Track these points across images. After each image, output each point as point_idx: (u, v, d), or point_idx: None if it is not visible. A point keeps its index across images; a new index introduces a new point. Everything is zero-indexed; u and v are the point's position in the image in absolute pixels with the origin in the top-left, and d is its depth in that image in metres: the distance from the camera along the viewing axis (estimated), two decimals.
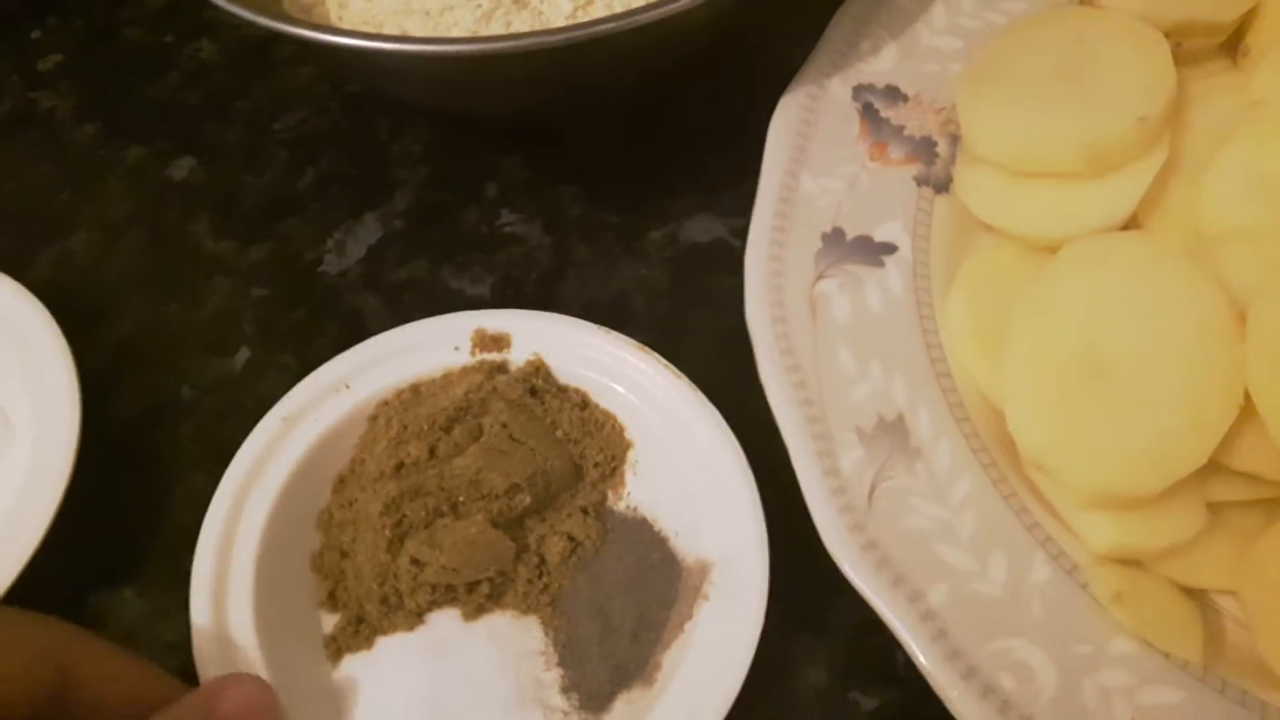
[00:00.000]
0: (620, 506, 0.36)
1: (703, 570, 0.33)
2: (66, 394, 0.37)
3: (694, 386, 0.35)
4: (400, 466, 0.34)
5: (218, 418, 0.39)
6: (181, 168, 0.45)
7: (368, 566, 0.34)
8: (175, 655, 0.35)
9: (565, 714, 0.32)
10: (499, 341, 0.37)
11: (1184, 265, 0.33)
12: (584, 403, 0.37)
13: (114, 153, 0.46)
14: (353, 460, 0.36)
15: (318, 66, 0.47)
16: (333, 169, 0.45)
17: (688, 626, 0.33)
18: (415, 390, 0.36)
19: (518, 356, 0.37)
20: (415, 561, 0.33)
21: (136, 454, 0.39)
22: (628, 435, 0.36)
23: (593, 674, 0.33)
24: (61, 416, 0.36)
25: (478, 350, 0.37)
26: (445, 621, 0.34)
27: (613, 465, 0.36)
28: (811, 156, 0.38)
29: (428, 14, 0.40)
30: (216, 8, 0.36)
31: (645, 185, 0.44)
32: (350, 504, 0.35)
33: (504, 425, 0.35)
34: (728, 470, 0.34)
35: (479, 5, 0.40)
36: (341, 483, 0.36)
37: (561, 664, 0.33)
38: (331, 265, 0.42)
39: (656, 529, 0.35)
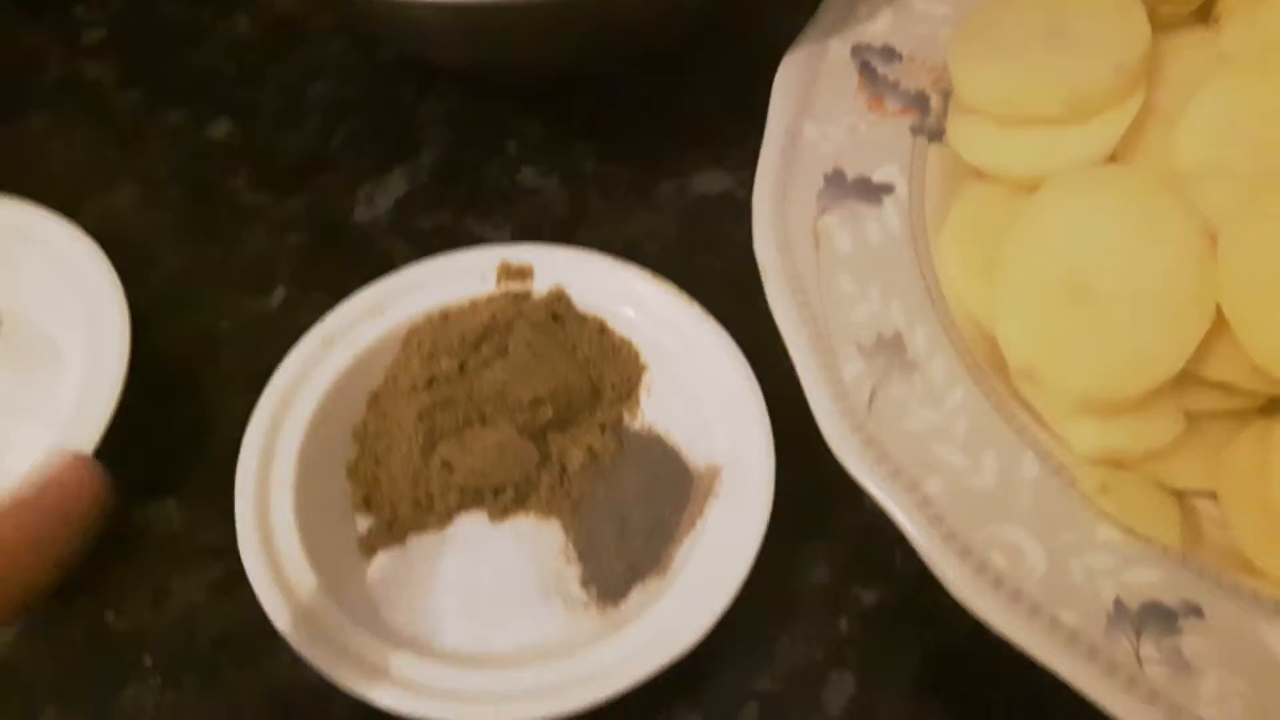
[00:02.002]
0: (635, 425, 0.38)
1: (713, 473, 0.36)
2: (116, 323, 0.39)
3: (703, 310, 0.38)
4: (432, 380, 0.37)
5: (256, 348, 0.41)
6: (220, 129, 0.48)
7: (401, 471, 0.36)
8: (216, 560, 0.37)
9: (585, 604, 0.35)
10: (522, 273, 0.39)
11: (1162, 193, 0.35)
12: (602, 329, 0.39)
13: (155, 115, 0.49)
14: (386, 379, 0.38)
15: (349, 27, 0.50)
16: (362, 130, 0.48)
17: (699, 523, 0.35)
18: (445, 316, 0.39)
19: (540, 287, 0.39)
20: (446, 465, 0.36)
21: (180, 381, 0.41)
22: (642, 359, 0.39)
23: (609, 569, 0.35)
24: (111, 344, 0.39)
25: (503, 281, 0.39)
26: (472, 523, 0.36)
27: (628, 388, 0.39)
28: (814, 106, 0.41)
29: None
30: None
31: (657, 143, 0.46)
32: (385, 416, 0.37)
33: (529, 344, 0.37)
34: (735, 382, 0.36)
35: None
36: (376, 399, 0.38)
37: (581, 560, 0.35)
38: (362, 215, 0.45)
39: (670, 444, 0.38)
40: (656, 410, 0.38)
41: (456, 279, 0.39)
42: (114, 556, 0.38)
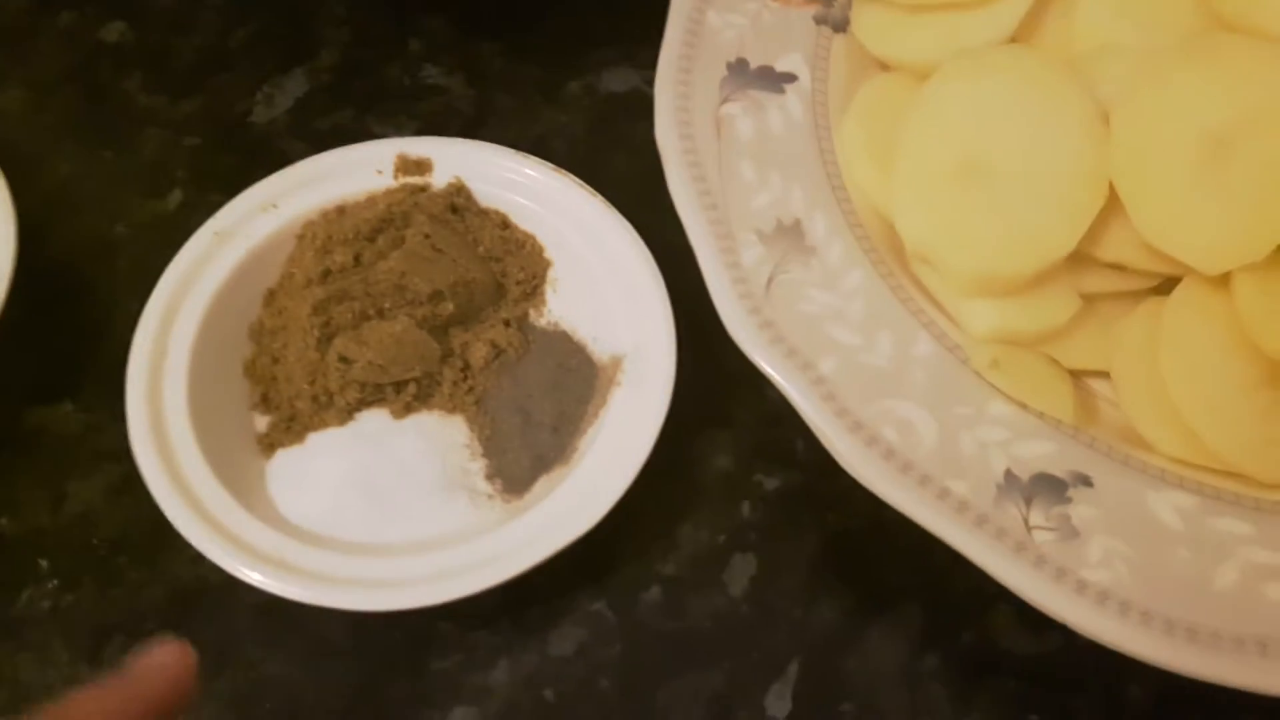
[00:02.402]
0: (541, 322, 0.38)
1: (616, 363, 0.35)
2: (3, 228, 0.38)
3: (607, 202, 0.37)
4: (327, 273, 0.36)
5: (153, 252, 0.40)
6: (112, 31, 0.47)
7: (298, 367, 0.35)
8: (114, 462, 0.37)
9: (489, 496, 0.35)
10: (421, 166, 0.39)
11: (1056, 71, 0.35)
12: (504, 224, 0.39)
13: (45, 19, 0.47)
14: (282, 275, 0.37)
15: None
16: (261, 30, 0.46)
17: (602, 413, 0.35)
18: (340, 210, 0.38)
19: (439, 180, 0.39)
20: (343, 359, 0.35)
21: (74, 285, 0.40)
22: (547, 254, 0.38)
23: (515, 462, 0.35)
24: None
25: (400, 175, 0.39)
26: (375, 419, 0.36)
27: (534, 284, 0.38)
28: None
29: None
30: None
31: (564, 41, 0.46)
32: (281, 313, 0.37)
33: (427, 235, 0.37)
34: (638, 272, 0.36)
35: None
36: (272, 296, 0.37)
37: (486, 454, 0.35)
38: (260, 116, 0.44)
39: (575, 339, 0.37)
40: (562, 305, 0.38)
41: (352, 172, 0.39)
42: (8, 462, 0.37)
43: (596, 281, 0.37)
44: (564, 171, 0.38)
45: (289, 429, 0.36)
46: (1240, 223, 0.33)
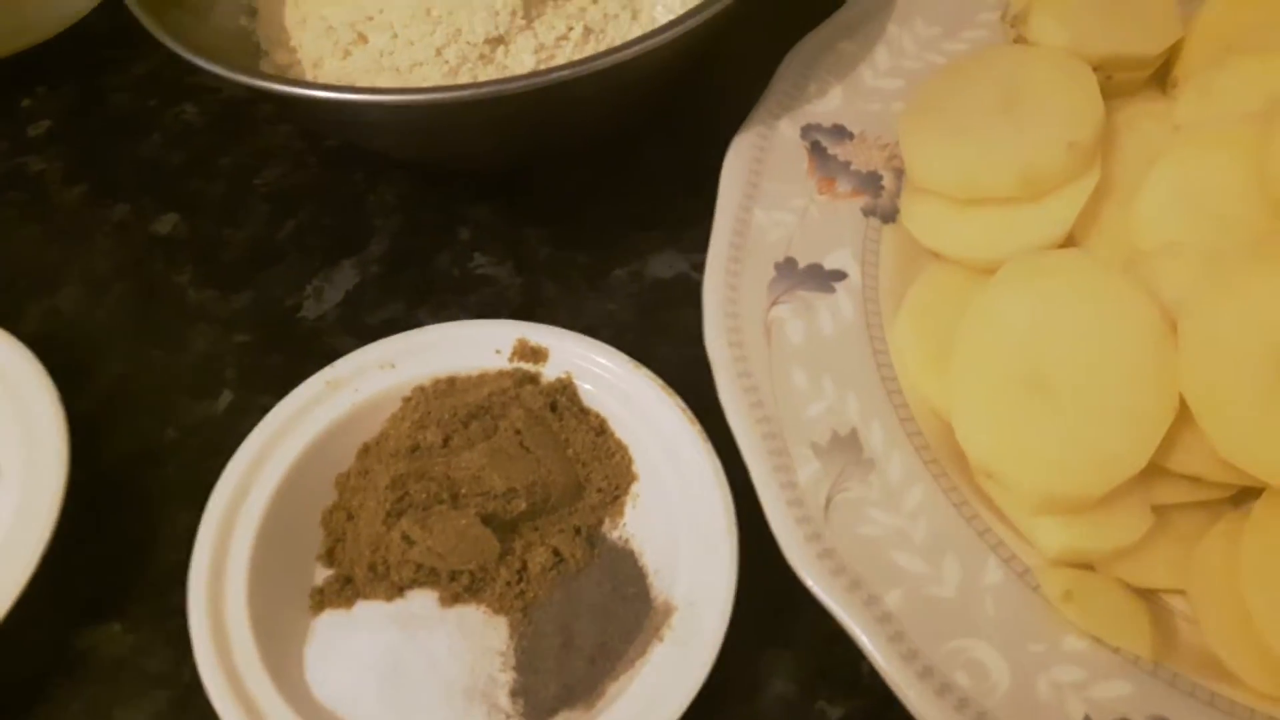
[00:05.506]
0: (613, 535, 0.37)
1: (667, 613, 0.34)
2: (55, 437, 0.38)
3: (704, 435, 0.36)
4: (415, 448, 0.37)
5: (202, 458, 0.40)
6: (165, 223, 0.47)
7: (365, 533, 0.36)
8: (162, 687, 0.36)
9: (507, 716, 0.33)
10: (537, 354, 0.39)
11: (1118, 278, 0.34)
12: (601, 429, 0.38)
13: (100, 211, 0.48)
14: (380, 434, 0.38)
15: (297, 123, 0.49)
16: (311, 220, 0.47)
17: (639, 662, 0.34)
18: (451, 382, 0.39)
19: (551, 372, 0.39)
20: (406, 538, 0.35)
21: (124, 494, 0.40)
22: (635, 468, 0.38)
23: (543, 686, 0.34)
24: (50, 459, 0.38)
25: (516, 358, 0.39)
26: (422, 601, 0.35)
27: (615, 494, 0.38)
28: (763, 191, 0.40)
29: (398, 71, 0.42)
30: (199, 71, 0.38)
31: (610, 227, 0.46)
32: (366, 473, 0.37)
33: (518, 431, 0.37)
34: (715, 523, 0.35)
35: (446, 62, 0.42)
36: (365, 451, 0.38)
37: (517, 669, 0.34)
38: (310, 310, 0.44)
39: (639, 564, 0.36)
40: (637, 523, 0.37)
41: (472, 347, 0.39)
42: (56, 685, 0.36)
43: (673, 515, 0.36)
44: (672, 392, 0.37)
45: (341, 591, 0.36)
46: None
